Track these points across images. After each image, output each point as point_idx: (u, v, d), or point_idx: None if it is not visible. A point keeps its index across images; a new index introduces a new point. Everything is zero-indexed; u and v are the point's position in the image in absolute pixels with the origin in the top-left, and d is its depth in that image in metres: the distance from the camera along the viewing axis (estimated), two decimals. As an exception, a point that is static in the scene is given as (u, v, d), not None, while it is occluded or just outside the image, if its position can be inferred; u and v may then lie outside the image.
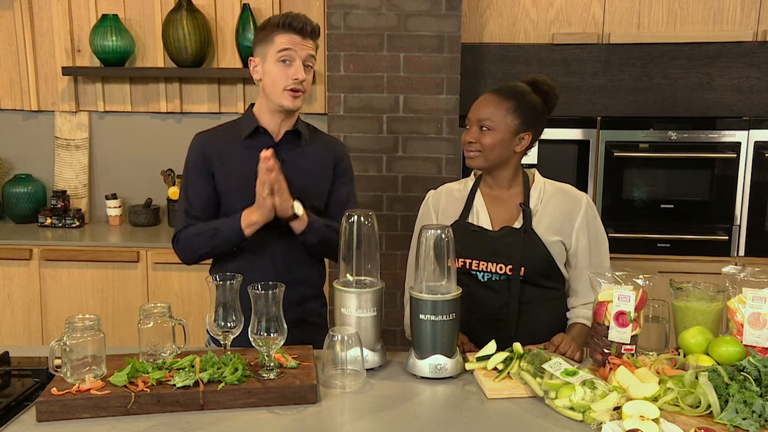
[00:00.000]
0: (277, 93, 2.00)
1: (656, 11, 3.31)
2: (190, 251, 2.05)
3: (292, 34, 1.98)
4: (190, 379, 1.60)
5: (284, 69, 1.98)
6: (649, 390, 1.57)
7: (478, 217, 2.03)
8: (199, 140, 2.11)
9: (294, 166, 2.05)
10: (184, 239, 2.05)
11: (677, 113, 3.47)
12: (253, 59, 2.04)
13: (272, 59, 1.98)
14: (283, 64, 1.98)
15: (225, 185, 2.05)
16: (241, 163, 2.03)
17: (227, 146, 2.07)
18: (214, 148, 2.07)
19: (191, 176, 2.07)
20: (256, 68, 2.04)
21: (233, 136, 2.08)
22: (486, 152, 1.97)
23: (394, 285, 3.15)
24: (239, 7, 3.54)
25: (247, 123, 2.08)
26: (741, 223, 3.25)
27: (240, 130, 2.08)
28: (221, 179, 2.05)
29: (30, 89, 3.65)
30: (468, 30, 3.33)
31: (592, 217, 2.02)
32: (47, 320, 3.31)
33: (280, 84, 1.98)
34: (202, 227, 2.03)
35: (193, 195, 2.06)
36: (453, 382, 1.77)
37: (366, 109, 3.18)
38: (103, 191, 3.75)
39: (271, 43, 1.98)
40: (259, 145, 2.01)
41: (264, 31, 2.01)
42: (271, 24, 2.00)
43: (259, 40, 2.03)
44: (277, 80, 1.98)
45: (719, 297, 1.86)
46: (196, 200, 2.06)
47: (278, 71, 1.98)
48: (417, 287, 1.79)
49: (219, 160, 2.05)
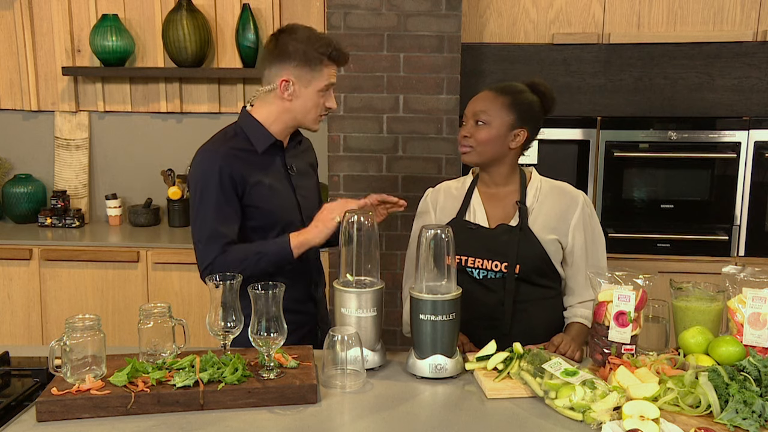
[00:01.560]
0: (309, 118, 2.01)
1: (656, 11, 3.30)
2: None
3: (337, 66, 2.01)
4: (190, 379, 1.60)
5: (323, 98, 1.99)
6: (649, 390, 1.57)
7: (474, 215, 2.04)
8: (217, 158, 1.95)
9: (298, 169, 2.10)
10: (223, 266, 1.88)
11: (677, 113, 3.47)
12: (287, 79, 1.95)
13: (316, 89, 1.97)
14: (324, 94, 1.99)
15: (255, 202, 1.98)
16: (266, 177, 2.01)
17: (248, 161, 1.98)
18: (236, 165, 1.95)
19: (218, 197, 1.93)
20: (290, 87, 1.96)
21: (248, 149, 2.00)
22: (480, 147, 1.98)
23: (394, 285, 3.15)
24: (239, 7, 3.54)
25: (258, 136, 2.01)
26: (741, 223, 3.25)
27: (252, 143, 2.01)
28: (250, 196, 1.97)
29: (30, 89, 3.65)
30: (468, 30, 3.33)
31: (588, 215, 2.02)
32: (47, 320, 3.31)
33: (316, 110, 2.00)
34: (242, 252, 1.93)
35: (225, 217, 1.94)
36: (453, 382, 1.77)
37: (366, 109, 3.18)
38: (103, 191, 3.75)
39: (320, 73, 1.96)
40: (275, 157, 2.05)
41: (309, 58, 1.94)
42: (320, 53, 1.94)
43: (303, 60, 1.94)
44: (315, 107, 2.00)
45: (719, 297, 1.86)
46: (229, 223, 1.95)
47: (318, 100, 1.99)
48: (417, 287, 1.79)
49: (246, 176, 1.96)
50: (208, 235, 1.93)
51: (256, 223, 2.00)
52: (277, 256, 1.94)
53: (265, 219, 2.00)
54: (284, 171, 2.06)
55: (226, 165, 1.93)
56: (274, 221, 2.00)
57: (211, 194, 1.93)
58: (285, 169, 2.06)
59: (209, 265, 1.92)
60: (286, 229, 1.98)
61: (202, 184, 1.94)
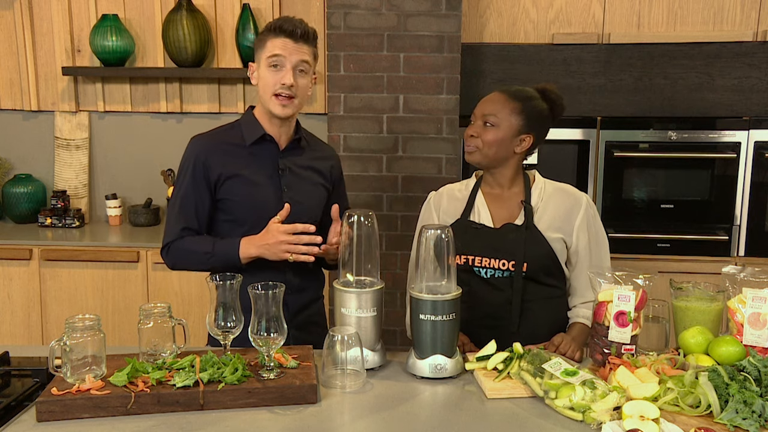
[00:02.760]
0: (266, 98, 1.97)
1: (656, 11, 3.30)
2: (180, 265, 2.04)
3: (284, 38, 1.94)
4: (190, 379, 1.60)
5: (274, 74, 1.95)
6: (649, 390, 1.57)
7: (479, 216, 2.04)
8: (198, 146, 2.02)
9: (296, 174, 2.07)
10: (175, 252, 2.00)
11: (677, 113, 3.47)
12: (251, 64, 2.03)
13: (264, 64, 1.96)
14: (274, 69, 1.95)
15: (229, 194, 2.00)
16: (248, 171, 2.00)
17: (231, 153, 2.01)
18: (216, 155, 1.99)
19: (188, 184, 1.99)
20: (253, 73, 2.02)
21: (236, 142, 2.03)
22: (485, 148, 1.98)
23: (394, 285, 3.15)
24: (239, 7, 3.54)
25: (250, 128, 2.03)
26: (741, 223, 3.25)
27: (243, 136, 2.03)
28: (225, 188, 1.99)
29: (30, 89, 3.65)
30: (468, 30, 3.33)
31: (592, 216, 2.03)
32: (47, 320, 3.31)
33: (269, 89, 1.96)
34: (196, 245, 1.98)
35: (189, 204, 1.99)
36: (453, 382, 1.77)
37: (366, 109, 3.18)
38: (103, 191, 3.75)
39: (264, 47, 1.97)
40: (264, 153, 2.03)
41: (259, 36, 2.00)
42: (266, 29, 1.98)
43: (256, 44, 2.02)
44: (267, 85, 1.96)
45: (719, 297, 1.86)
46: (192, 210, 2.00)
47: (269, 76, 1.95)
48: (417, 287, 1.79)
49: (223, 168, 1.98)
50: (173, 218, 2.01)
51: (228, 216, 2.02)
52: (227, 260, 1.95)
53: (238, 212, 2.01)
54: (274, 169, 2.04)
55: (203, 154, 1.99)
56: (246, 216, 2.00)
57: (183, 181, 2.01)
58: (276, 168, 2.04)
59: (165, 247, 2.02)
60: (259, 225, 1.96)
61: (179, 169, 2.03)
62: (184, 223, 2.00)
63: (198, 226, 2.01)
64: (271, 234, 1.92)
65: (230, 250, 1.95)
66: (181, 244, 1.99)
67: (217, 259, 1.96)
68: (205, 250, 1.97)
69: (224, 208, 2.02)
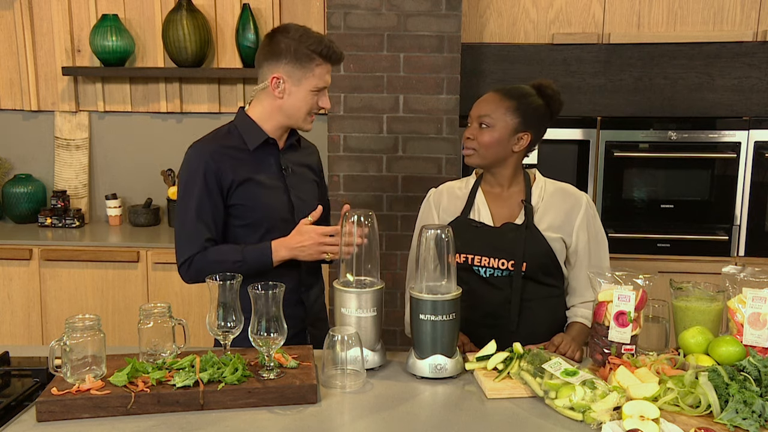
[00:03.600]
0: (300, 117, 1.99)
1: (656, 11, 3.30)
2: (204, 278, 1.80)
3: (330, 65, 1.97)
4: (190, 379, 1.60)
5: (315, 97, 1.98)
6: (649, 390, 1.57)
7: (479, 214, 2.04)
8: (204, 153, 1.96)
9: (296, 172, 2.09)
10: (199, 265, 1.92)
11: (677, 113, 3.47)
12: (278, 77, 1.94)
13: (308, 88, 1.95)
14: (317, 92, 1.97)
15: (242, 200, 1.97)
16: (257, 175, 2.00)
17: (238, 158, 1.98)
18: (225, 161, 1.95)
19: (201, 193, 1.93)
20: (281, 86, 1.95)
21: (240, 147, 2.00)
22: (482, 150, 1.98)
23: (394, 285, 3.15)
24: (239, 7, 3.54)
25: (251, 133, 2.00)
26: (741, 223, 3.25)
27: (245, 141, 2.01)
28: (238, 194, 1.97)
29: (30, 89, 3.65)
30: (468, 30, 3.33)
31: (592, 216, 2.03)
32: (47, 320, 3.31)
33: (305, 110, 1.98)
34: (222, 255, 1.93)
35: (206, 214, 1.94)
36: (453, 382, 1.77)
37: (366, 109, 3.18)
38: (103, 191, 3.75)
39: (311, 72, 1.94)
40: (267, 155, 2.03)
41: (300, 55, 1.92)
42: (311, 50, 1.92)
43: (291, 59, 1.93)
44: (305, 107, 1.98)
45: (719, 297, 1.86)
46: (210, 219, 1.95)
47: (309, 99, 1.97)
48: (417, 287, 1.79)
49: (234, 173, 1.95)
50: (189, 231, 1.95)
51: (244, 221, 2.00)
52: (259, 265, 1.94)
53: (253, 216, 2.00)
54: (278, 170, 2.04)
55: (212, 162, 1.94)
56: (262, 219, 2.00)
57: (194, 190, 1.94)
58: (279, 169, 2.05)
59: (186, 261, 1.94)
60: (274, 228, 1.98)
61: (187, 179, 1.96)
62: (207, 233, 1.94)
63: (217, 235, 1.98)
64: (307, 235, 1.93)
65: (262, 256, 1.94)
66: (204, 256, 1.93)
67: (249, 267, 1.91)
68: (234, 259, 1.92)
69: (237, 213, 1.99)
